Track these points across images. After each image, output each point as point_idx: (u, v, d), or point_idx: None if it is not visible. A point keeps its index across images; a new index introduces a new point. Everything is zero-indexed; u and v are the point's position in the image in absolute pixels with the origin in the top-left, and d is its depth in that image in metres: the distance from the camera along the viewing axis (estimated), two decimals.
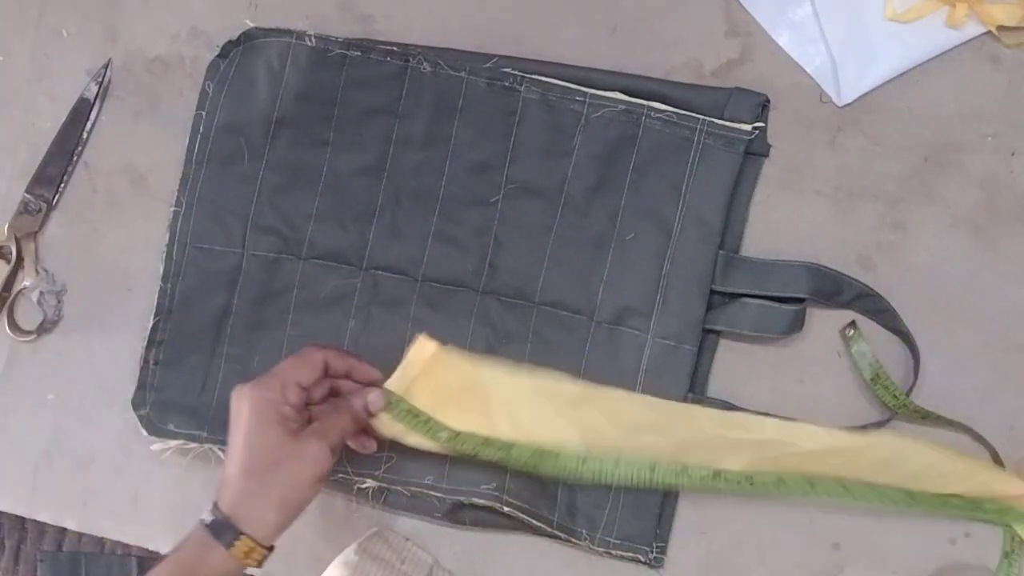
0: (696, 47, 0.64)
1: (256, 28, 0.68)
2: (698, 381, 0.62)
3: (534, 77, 0.64)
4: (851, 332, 0.60)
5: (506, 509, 0.62)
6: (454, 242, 0.65)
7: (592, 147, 0.63)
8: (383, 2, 0.68)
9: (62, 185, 0.72)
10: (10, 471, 0.72)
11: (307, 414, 0.57)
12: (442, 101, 0.65)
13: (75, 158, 0.72)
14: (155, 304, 0.68)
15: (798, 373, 0.62)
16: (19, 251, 0.71)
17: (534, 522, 0.63)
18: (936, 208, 0.61)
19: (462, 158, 0.65)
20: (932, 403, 0.60)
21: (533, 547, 0.65)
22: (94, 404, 0.71)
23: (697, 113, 0.62)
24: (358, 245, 0.66)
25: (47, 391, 0.72)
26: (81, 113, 0.71)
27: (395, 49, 0.66)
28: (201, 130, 0.68)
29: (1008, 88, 0.61)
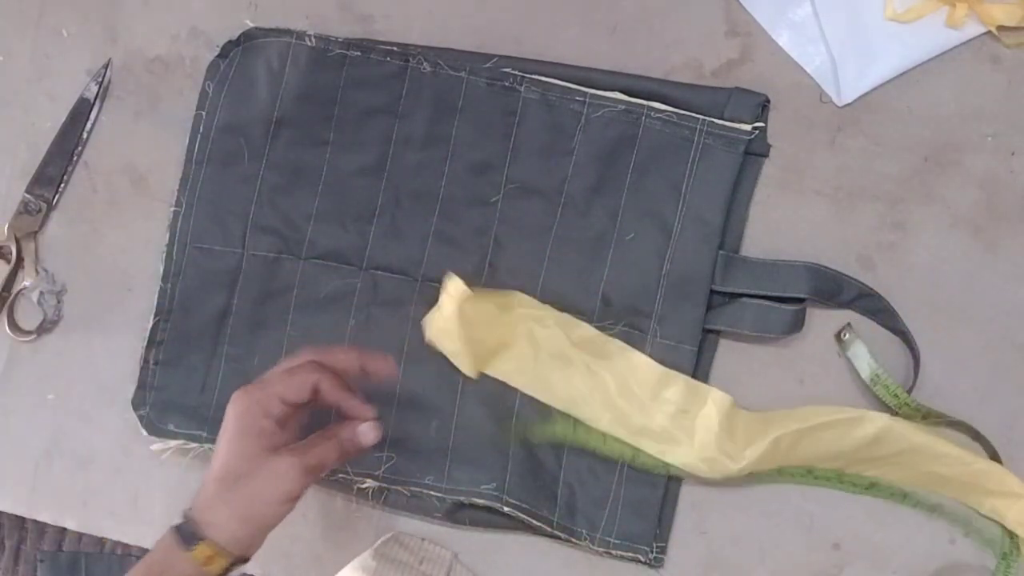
0: (696, 47, 0.64)
1: (256, 28, 0.68)
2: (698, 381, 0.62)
3: (534, 77, 0.64)
4: (846, 335, 0.60)
5: (506, 509, 0.63)
6: (454, 242, 0.65)
7: (592, 147, 0.63)
8: (383, 2, 0.68)
9: (62, 185, 0.71)
10: (10, 471, 0.72)
11: (292, 427, 0.55)
12: (442, 101, 0.65)
13: (75, 158, 0.71)
14: (155, 304, 0.68)
15: (798, 373, 0.62)
16: (19, 251, 0.71)
17: (534, 522, 0.63)
18: (936, 208, 0.61)
19: (462, 158, 0.65)
20: (932, 403, 0.59)
21: (533, 547, 0.65)
22: (94, 404, 0.71)
23: (697, 113, 0.62)
24: (358, 245, 0.66)
25: (47, 391, 0.72)
26: (81, 113, 0.71)
27: (395, 49, 0.66)
28: (201, 130, 0.68)
29: (1008, 88, 0.61)
